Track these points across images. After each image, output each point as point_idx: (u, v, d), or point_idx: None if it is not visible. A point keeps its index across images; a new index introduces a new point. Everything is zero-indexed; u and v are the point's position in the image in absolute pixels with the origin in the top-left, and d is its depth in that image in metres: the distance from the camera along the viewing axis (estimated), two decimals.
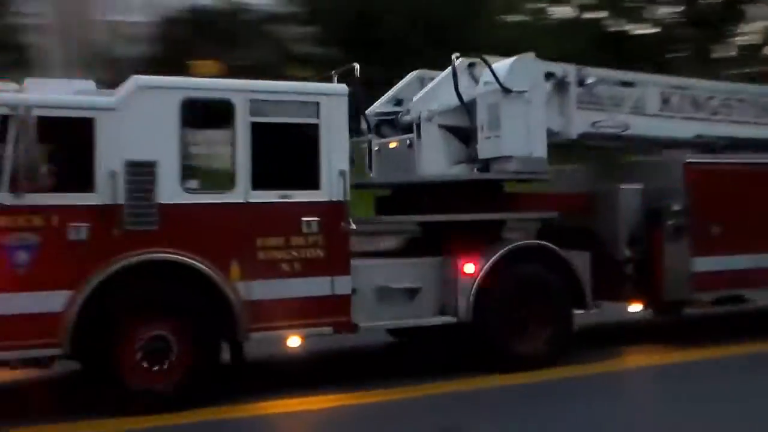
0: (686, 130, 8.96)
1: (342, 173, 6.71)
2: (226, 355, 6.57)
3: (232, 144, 6.38)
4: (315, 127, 6.69)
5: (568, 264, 7.83)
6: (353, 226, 6.69)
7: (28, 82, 6.33)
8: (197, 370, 6.17)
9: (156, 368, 6.07)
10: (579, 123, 8.36)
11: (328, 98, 6.79)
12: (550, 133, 7.85)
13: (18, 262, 5.66)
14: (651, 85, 8.84)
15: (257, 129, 6.49)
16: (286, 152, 6.69)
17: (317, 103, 6.72)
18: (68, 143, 6.03)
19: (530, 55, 7.82)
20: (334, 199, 6.68)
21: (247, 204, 6.41)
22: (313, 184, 6.63)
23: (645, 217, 8.25)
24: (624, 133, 8.56)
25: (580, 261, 7.97)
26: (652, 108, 8.77)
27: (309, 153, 6.63)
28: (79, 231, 5.89)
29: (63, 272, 5.80)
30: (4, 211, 5.70)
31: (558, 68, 8.22)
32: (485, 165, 7.63)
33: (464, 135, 7.86)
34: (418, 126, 7.69)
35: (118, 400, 5.95)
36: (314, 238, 6.52)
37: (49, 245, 5.78)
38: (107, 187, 5.95)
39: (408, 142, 7.86)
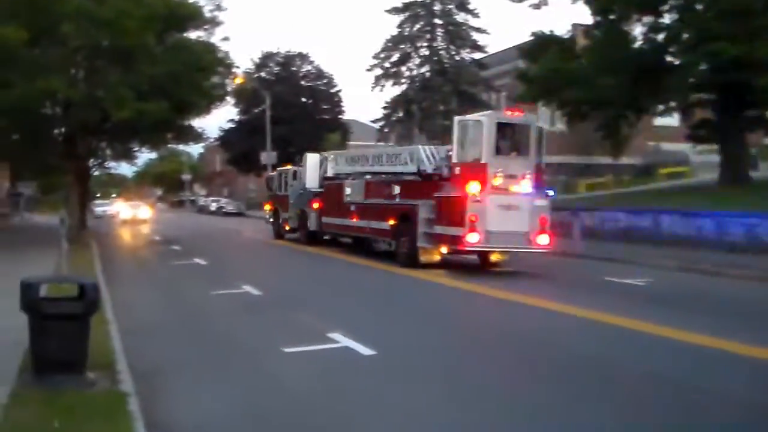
0: (348, 171, 26.58)
1: None
2: None
3: None
4: None
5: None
6: None
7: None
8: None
9: None
10: (331, 171, 27.78)
11: None
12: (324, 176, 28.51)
13: None
14: (344, 154, 28.72)
15: None
16: None
17: None
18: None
19: (312, 155, 29.93)
20: None
21: None
22: None
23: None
24: (337, 173, 27.38)
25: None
26: (347, 162, 26.99)
27: None
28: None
29: None
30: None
31: (324, 154, 29.47)
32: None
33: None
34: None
35: None
36: None
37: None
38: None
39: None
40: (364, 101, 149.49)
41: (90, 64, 31.12)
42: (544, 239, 21.04)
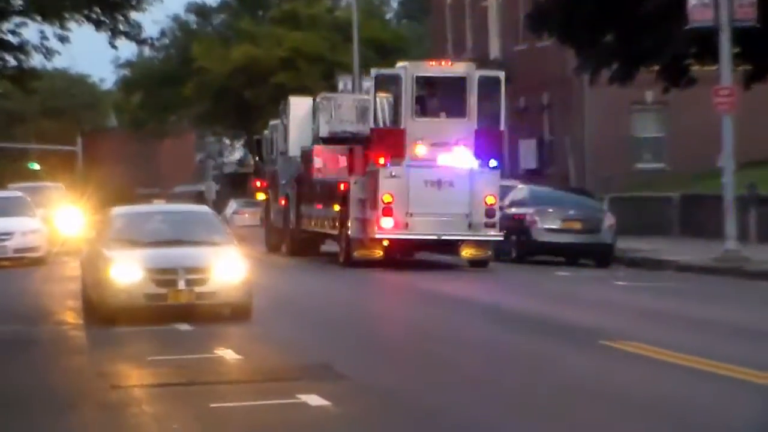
0: (351, 129, 30.75)
1: None
2: None
3: None
4: None
5: None
6: None
7: None
8: None
9: None
10: (326, 129, 30.72)
11: None
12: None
13: None
14: (350, 100, 32.76)
15: None
16: None
17: None
18: None
19: (298, 99, 35.62)
20: None
21: None
22: None
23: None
24: (333, 132, 30.58)
25: None
26: (357, 113, 30.69)
27: None
28: None
29: None
30: None
31: (322, 97, 32.91)
32: None
33: None
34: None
35: None
36: None
37: None
38: None
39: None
40: None
41: None
42: (490, 224, 25.37)
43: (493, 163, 25.89)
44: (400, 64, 27.74)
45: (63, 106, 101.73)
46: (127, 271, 19.61)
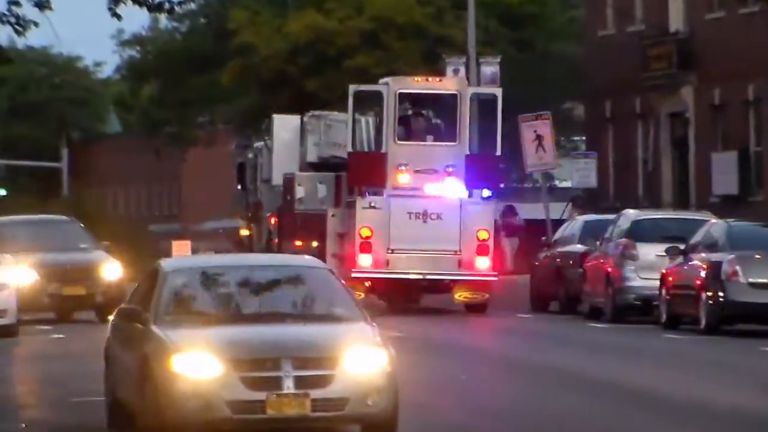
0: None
1: None
2: None
3: None
4: None
5: None
6: None
7: None
8: None
9: None
10: (314, 154, 44.44)
11: None
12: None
13: None
14: (343, 120, 42.58)
15: None
16: None
17: None
18: None
19: (282, 117, 50.83)
20: None
21: None
22: None
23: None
24: (322, 157, 42.83)
25: None
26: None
27: None
28: None
29: None
30: None
31: (311, 116, 44.01)
32: None
33: None
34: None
35: None
36: None
37: None
38: None
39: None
40: None
41: None
42: (482, 262, 31.73)
43: (486, 193, 31.89)
44: (382, 80, 33.91)
45: (42, 103, 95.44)
46: (199, 364, 16.58)
